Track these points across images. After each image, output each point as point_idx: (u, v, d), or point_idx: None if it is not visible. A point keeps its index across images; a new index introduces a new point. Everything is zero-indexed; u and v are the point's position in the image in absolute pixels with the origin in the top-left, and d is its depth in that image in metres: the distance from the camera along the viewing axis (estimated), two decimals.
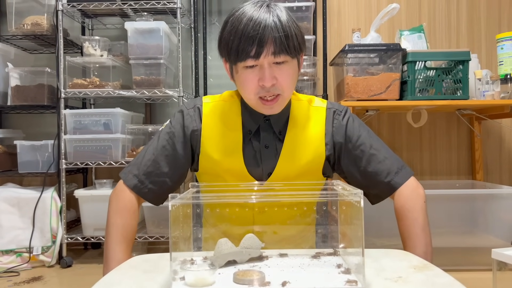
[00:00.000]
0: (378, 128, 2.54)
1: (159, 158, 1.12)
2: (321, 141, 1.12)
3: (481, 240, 1.94)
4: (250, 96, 1.05)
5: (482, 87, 2.09)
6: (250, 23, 0.99)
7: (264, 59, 0.99)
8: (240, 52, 1.00)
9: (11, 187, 2.26)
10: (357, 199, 0.74)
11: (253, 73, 1.02)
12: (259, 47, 0.98)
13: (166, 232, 2.18)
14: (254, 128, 1.12)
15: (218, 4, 2.61)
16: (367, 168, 1.11)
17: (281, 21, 1.00)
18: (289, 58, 1.02)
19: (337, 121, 1.14)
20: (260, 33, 0.98)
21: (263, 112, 1.08)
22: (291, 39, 1.01)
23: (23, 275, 2.02)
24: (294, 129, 1.12)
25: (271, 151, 1.12)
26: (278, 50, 0.99)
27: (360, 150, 1.12)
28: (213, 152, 1.11)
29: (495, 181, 2.54)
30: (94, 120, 2.20)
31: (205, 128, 1.12)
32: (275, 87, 1.02)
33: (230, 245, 0.86)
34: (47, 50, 2.54)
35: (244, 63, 1.01)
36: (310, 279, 0.76)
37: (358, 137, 1.13)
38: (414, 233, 1.08)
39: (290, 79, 1.04)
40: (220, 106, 1.15)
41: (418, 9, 2.57)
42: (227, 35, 1.03)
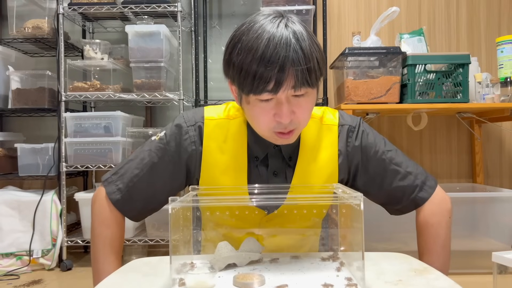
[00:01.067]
0: (378, 131, 2.53)
1: (146, 176, 1.01)
2: (334, 164, 1.03)
3: (482, 243, 1.93)
4: (263, 129, 0.92)
5: (482, 90, 2.10)
6: (268, 50, 0.84)
7: (282, 93, 0.86)
8: (256, 84, 0.85)
9: (11, 190, 2.26)
10: (357, 202, 0.74)
11: (268, 107, 0.88)
12: (278, 81, 0.84)
13: (166, 235, 2.18)
14: (261, 156, 1.01)
15: (219, 8, 2.62)
16: (389, 186, 1.04)
17: (303, 48, 0.85)
18: (310, 89, 0.89)
19: (351, 140, 1.04)
20: (280, 64, 0.83)
21: (276, 142, 0.95)
22: (313, 70, 0.87)
23: (23, 278, 2.02)
24: (305, 153, 1.02)
25: (280, 179, 1.02)
26: (299, 84, 0.86)
27: (380, 167, 1.04)
28: (215, 180, 1.01)
29: (496, 184, 2.53)
30: (95, 123, 2.20)
31: (206, 151, 1.01)
32: (292, 122, 0.90)
33: (230, 248, 0.86)
34: (48, 53, 2.55)
35: (259, 97, 0.87)
36: (310, 282, 0.76)
37: (376, 153, 1.04)
38: (433, 250, 1.02)
39: (308, 112, 0.93)
40: (224, 125, 1.02)
41: (418, 13, 2.58)
42: (240, 58, 0.86)
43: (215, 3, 2.62)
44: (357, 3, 2.59)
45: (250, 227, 1.11)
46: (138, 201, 1.02)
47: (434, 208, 1.04)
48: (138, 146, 2.43)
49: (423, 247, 1.05)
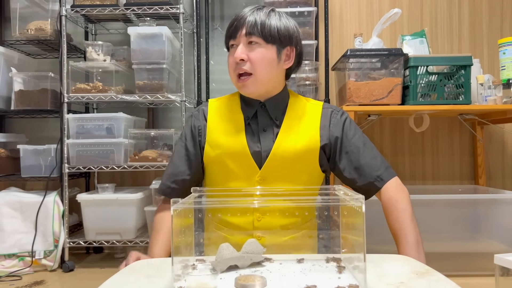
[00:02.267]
0: (380, 133, 2.54)
1: (175, 160, 1.26)
2: (315, 132, 1.20)
3: (484, 246, 1.93)
4: (231, 73, 1.19)
5: (484, 92, 2.09)
6: (238, 14, 1.17)
7: (239, 38, 1.15)
8: (226, 35, 1.19)
9: (14, 191, 2.26)
10: (359, 204, 0.74)
11: (232, 52, 1.17)
12: (236, 28, 1.15)
13: None
14: (251, 114, 1.21)
15: (221, 9, 2.62)
16: (359, 162, 1.19)
17: (264, 13, 1.16)
18: (262, 41, 1.14)
19: (335, 119, 1.23)
20: (240, 19, 1.16)
21: (240, 91, 1.20)
22: (266, 26, 1.14)
23: (25, 279, 2.02)
24: (290, 117, 1.21)
25: (269, 134, 1.20)
26: (249, 31, 1.13)
27: (355, 146, 1.20)
28: (218, 137, 1.20)
29: (498, 186, 2.53)
30: (97, 124, 2.21)
31: (210, 121, 1.23)
32: (246, 64, 1.14)
33: (231, 250, 0.87)
34: (50, 55, 2.55)
35: (229, 44, 1.19)
36: (311, 284, 0.76)
37: (354, 135, 1.22)
38: (405, 223, 1.12)
39: (261, 60, 1.14)
40: (224, 101, 1.28)
41: (420, 14, 2.58)
42: None
43: (217, 4, 2.62)
44: (359, 4, 2.59)
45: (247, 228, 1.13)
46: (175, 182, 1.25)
47: (395, 187, 1.19)
48: (140, 148, 2.44)
49: (394, 222, 1.14)
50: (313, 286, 0.74)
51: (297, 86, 2.26)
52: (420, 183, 2.51)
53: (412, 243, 1.07)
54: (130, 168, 2.18)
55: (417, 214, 1.16)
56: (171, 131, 2.29)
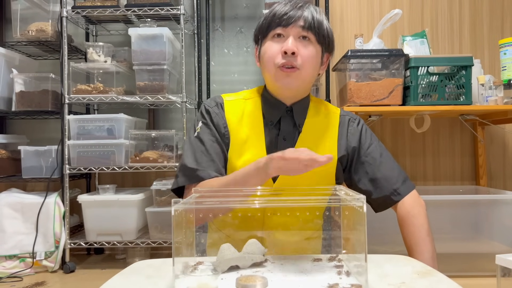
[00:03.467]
0: (381, 134, 2.54)
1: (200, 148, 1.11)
2: (333, 143, 1.15)
3: (485, 246, 1.92)
4: (270, 64, 1.08)
5: (485, 92, 2.09)
6: (286, 6, 1.08)
7: (291, 29, 1.05)
8: (273, 21, 1.07)
9: (14, 192, 2.27)
10: (360, 204, 0.74)
11: (278, 41, 1.07)
12: (290, 18, 1.05)
13: (169, 238, 2.18)
14: (275, 119, 1.14)
15: (221, 11, 2.62)
16: (376, 174, 1.14)
17: (317, 11, 1.09)
18: (315, 40, 1.08)
19: (352, 128, 1.18)
20: (294, 10, 1.06)
21: (281, 83, 1.08)
22: (321, 26, 1.08)
23: (26, 280, 2.02)
24: (311, 125, 1.15)
25: (288, 144, 1.13)
26: (307, 26, 1.05)
27: (371, 157, 1.15)
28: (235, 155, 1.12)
29: (499, 187, 2.53)
30: (98, 125, 2.21)
31: (230, 125, 1.14)
32: (296, 58, 1.05)
33: (233, 250, 0.86)
34: (51, 56, 2.56)
35: (274, 31, 1.07)
36: (312, 284, 0.76)
37: (370, 145, 1.17)
38: (421, 238, 1.08)
39: (311, 58, 1.07)
40: (240, 104, 1.17)
41: (421, 15, 2.58)
42: (265, 15, 1.11)
43: (218, 6, 2.62)
44: (359, 5, 2.59)
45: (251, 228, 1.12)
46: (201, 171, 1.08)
47: (412, 201, 1.14)
48: (141, 149, 2.44)
49: (411, 238, 1.10)
50: (336, 285, 0.74)
51: None
52: (421, 183, 2.51)
53: (427, 259, 1.04)
54: (131, 169, 2.18)
55: None
56: (172, 132, 2.29)
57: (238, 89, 2.62)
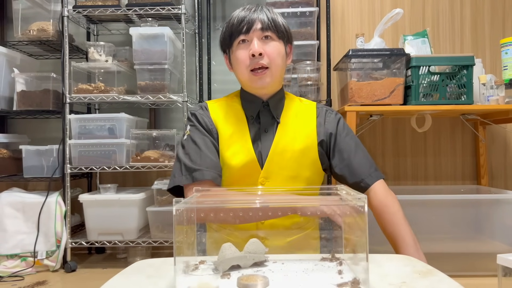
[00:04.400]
0: (382, 133, 2.54)
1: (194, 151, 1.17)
2: (312, 129, 1.24)
3: (486, 246, 1.92)
4: (242, 69, 1.19)
5: (487, 92, 2.09)
6: (242, 12, 1.20)
7: (253, 33, 1.17)
8: (234, 31, 1.19)
9: (16, 192, 2.27)
10: (361, 204, 0.74)
11: (245, 47, 1.18)
12: (249, 24, 1.17)
13: (170, 237, 2.18)
14: (255, 113, 1.24)
15: (222, 10, 2.62)
16: (351, 160, 1.23)
17: (269, 11, 1.20)
18: (275, 36, 1.19)
19: (329, 117, 1.28)
20: (249, 15, 1.18)
21: (255, 86, 1.20)
22: (277, 22, 1.19)
23: (28, 280, 2.03)
24: (288, 116, 1.25)
25: (269, 135, 1.22)
26: (265, 27, 1.17)
27: (348, 144, 1.25)
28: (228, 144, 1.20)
29: (500, 186, 2.52)
30: (99, 125, 2.21)
31: (217, 124, 1.23)
32: (263, 58, 1.16)
33: (234, 250, 0.86)
34: (52, 55, 2.56)
35: (237, 39, 1.18)
36: (313, 284, 0.76)
37: (347, 134, 1.27)
38: (400, 224, 1.14)
39: (277, 54, 1.18)
40: (223, 104, 1.28)
41: (422, 14, 2.58)
42: (224, 28, 1.23)
43: (219, 5, 2.62)
44: (360, 5, 2.59)
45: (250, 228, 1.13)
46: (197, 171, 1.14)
47: (385, 191, 1.21)
48: (142, 148, 2.44)
49: (389, 226, 1.17)
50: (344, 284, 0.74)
51: (298, 87, 2.26)
52: (422, 183, 2.51)
53: (411, 243, 1.08)
54: (132, 168, 2.18)
55: (419, 214, 1.17)
56: (173, 131, 2.29)
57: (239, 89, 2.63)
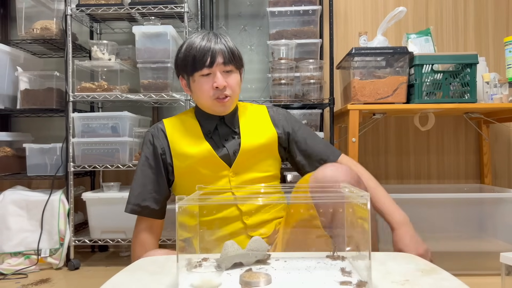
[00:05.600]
0: (385, 132, 2.53)
1: (142, 180, 1.35)
2: (270, 126, 1.39)
3: (490, 245, 1.92)
4: (206, 99, 1.30)
5: (490, 90, 2.08)
6: (203, 42, 1.28)
7: (216, 67, 1.27)
8: (197, 63, 1.27)
9: (19, 190, 2.28)
10: (364, 202, 0.74)
11: (208, 80, 1.28)
12: (212, 58, 1.26)
13: (172, 235, 2.19)
14: (212, 127, 1.35)
15: (225, 9, 2.62)
16: (307, 150, 1.39)
17: (227, 41, 1.31)
18: (234, 68, 1.31)
19: (280, 114, 1.43)
20: (212, 48, 1.27)
21: (218, 110, 1.32)
22: (236, 55, 1.31)
23: (31, 277, 2.04)
24: (245, 122, 1.39)
25: (233, 140, 1.35)
26: (227, 61, 1.28)
27: (301, 137, 1.40)
28: (183, 150, 1.32)
29: (504, 185, 2.51)
30: (102, 123, 2.21)
31: (171, 138, 1.35)
32: (226, 89, 1.29)
33: (236, 248, 0.87)
34: (56, 54, 2.57)
35: (201, 72, 1.28)
36: (316, 282, 0.76)
37: (299, 128, 1.42)
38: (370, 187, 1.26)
39: (236, 84, 1.32)
40: (177, 120, 1.41)
41: (425, 12, 2.57)
42: (183, 55, 1.30)
43: (222, 4, 2.62)
44: (363, 3, 2.58)
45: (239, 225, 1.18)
46: (144, 201, 1.33)
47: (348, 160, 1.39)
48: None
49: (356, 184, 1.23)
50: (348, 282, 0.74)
51: (301, 85, 2.26)
52: (425, 182, 2.50)
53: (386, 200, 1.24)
54: (135, 167, 2.18)
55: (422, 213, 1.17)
56: None
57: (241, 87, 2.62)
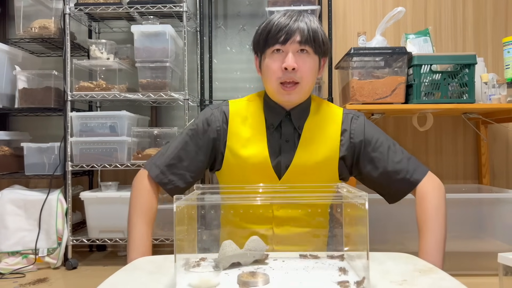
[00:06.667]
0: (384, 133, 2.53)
1: (180, 152, 1.19)
2: (336, 141, 1.18)
3: (488, 245, 1.92)
4: (272, 81, 1.13)
5: (489, 90, 2.08)
6: (282, 19, 1.12)
7: (290, 45, 1.10)
8: (270, 38, 1.11)
9: (17, 189, 2.27)
10: (362, 202, 0.73)
11: (278, 58, 1.12)
12: (287, 34, 1.09)
13: (170, 235, 2.19)
14: (276, 123, 1.18)
15: (224, 8, 2.62)
16: (386, 168, 1.16)
17: (311, 21, 1.13)
18: (312, 51, 1.12)
19: (355, 125, 1.20)
20: (290, 24, 1.10)
21: (282, 99, 1.15)
22: (317, 36, 1.12)
23: (29, 277, 2.03)
24: (312, 124, 1.19)
25: (291, 145, 1.17)
26: (304, 40, 1.10)
27: (379, 152, 1.17)
28: (239, 146, 1.17)
29: (502, 186, 2.52)
30: (100, 122, 2.21)
31: (231, 125, 1.19)
32: (296, 73, 1.10)
33: (234, 247, 0.87)
34: (54, 53, 2.56)
35: (272, 48, 1.12)
36: (314, 281, 0.76)
37: (377, 140, 1.18)
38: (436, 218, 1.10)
39: (310, 70, 1.13)
40: (244, 105, 1.23)
41: (424, 13, 2.57)
42: (260, 30, 1.15)
43: (221, 3, 2.62)
44: (362, 3, 2.58)
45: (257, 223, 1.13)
46: (174, 174, 1.18)
47: (431, 184, 1.15)
48: (143, 146, 2.44)
49: (424, 215, 1.11)
50: (345, 282, 0.74)
51: None
52: None
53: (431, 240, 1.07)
54: (133, 166, 2.18)
55: None
56: (174, 129, 2.30)
57: (240, 87, 2.62)
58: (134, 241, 1.11)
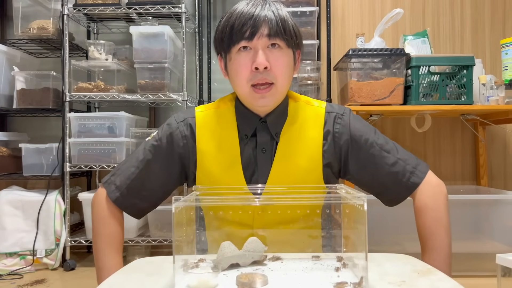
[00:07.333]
0: (382, 133, 2.53)
1: (142, 173, 1.06)
2: (318, 147, 1.04)
3: (486, 246, 1.92)
4: (242, 83, 0.99)
5: (487, 92, 2.09)
6: (245, 8, 0.97)
7: (258, 40, 0.95)
8: (234, 34, 0.96)
9: (15, 190, 2.27)
10: (360, 203, 0.73)
11: (246, 57, 0.97)
12: (253, 28, 0.94)
13: (169, 236, 2.18)
14: (250, 132, 1.04)
15: (223, 9, 2.62)
16: (381, 173, 1.04)
17: (278, 9, 0.98)
18: (284, 44, 0.98)
19: (340, 126, 1.06)
20: (255, 15, 0.95)
21: (256, 103, 1.00)
22: (287, 25, 0.97)
23: (27, 278, 2.03)
24: (290, 129, 1.05)
25: (267, 156, 1.04)
26: (273, 33, 0.95)
27: (370, 154, 1.04)
28: (211, 167, 1.05)
29: (500, 187, 2.52)
30: (99, 123, 2.21)
31: (199, 142, 1.05)
32: (268, 72, 0.96)
33: (233, 248, 0.86)
34: (52, 54, 2.56)
35: (238, 45, 0.97)
36: (312, 283, 0.76)
37: (366, 140, 1.05)
38: (438, 234, 1.01)
39: (284, 67, 0.98)
40: (213, 114, 1.08)
41: (422, 14, 2.58)
42: (222, 25, 1.00)
43: (219, 4, 2.62)
44: (361, 4, 2.59)
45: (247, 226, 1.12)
46: (136, 197, 1.07)
47: (430, 191, 1.04)
48: None
49: (425, 231, 1.03)
50: (344, 283, 0.74)
51: (298, 86, 2.26)
52: None
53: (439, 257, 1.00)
54: None
55: None
56: None
57: None
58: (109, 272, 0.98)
